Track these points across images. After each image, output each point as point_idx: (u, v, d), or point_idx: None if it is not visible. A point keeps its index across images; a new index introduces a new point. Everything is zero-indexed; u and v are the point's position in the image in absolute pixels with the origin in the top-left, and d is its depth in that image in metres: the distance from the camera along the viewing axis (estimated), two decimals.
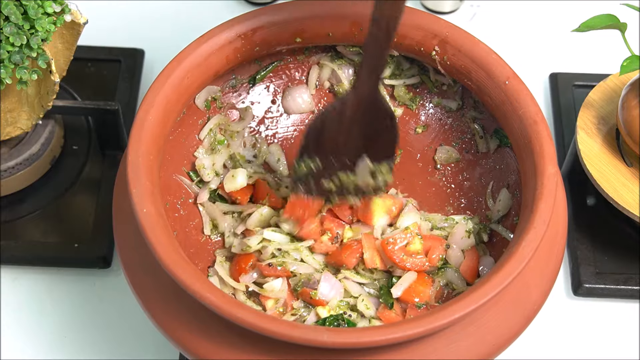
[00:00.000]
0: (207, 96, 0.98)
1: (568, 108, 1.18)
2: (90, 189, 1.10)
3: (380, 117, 0.90)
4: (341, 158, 0.92)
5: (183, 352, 0.82)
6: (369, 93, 0.88)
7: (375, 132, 0.91)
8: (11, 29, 0.90)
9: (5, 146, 1.07)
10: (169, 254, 0.79)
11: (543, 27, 1.28)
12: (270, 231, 0.95)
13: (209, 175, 0.98)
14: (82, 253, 1.05)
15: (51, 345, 1.02)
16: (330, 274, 0.93)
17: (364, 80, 0.87)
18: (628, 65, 0.96)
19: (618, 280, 1.05)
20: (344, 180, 0.92)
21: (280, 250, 0.94)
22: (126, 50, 1.21)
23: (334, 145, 0.91)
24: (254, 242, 0.94)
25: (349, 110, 0.89)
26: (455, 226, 0.96)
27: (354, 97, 0.88)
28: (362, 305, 0.92)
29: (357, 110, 0.89)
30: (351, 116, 0.89)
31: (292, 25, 0.94)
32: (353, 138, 0.90)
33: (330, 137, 0.90)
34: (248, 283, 0.93)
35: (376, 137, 0.91)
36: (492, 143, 0.99)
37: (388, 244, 0.93)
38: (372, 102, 0.88)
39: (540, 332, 1.04)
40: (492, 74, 0.90)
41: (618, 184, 1.01)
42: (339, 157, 0.91)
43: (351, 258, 0.93)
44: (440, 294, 0.94)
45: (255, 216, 0.96)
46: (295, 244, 0.95)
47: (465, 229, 0.95)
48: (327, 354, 0.78)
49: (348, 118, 0.89)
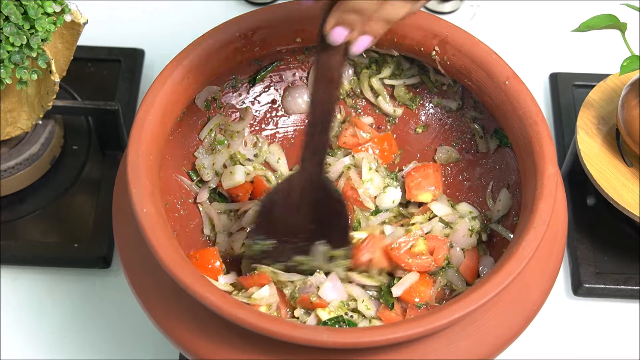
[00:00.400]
0: (207, 96, 0.98)
1: (568, 108, 1.17)
2: (90, 189, 1.10)
3: (328, 200, 0.89)
4: (294, 241, 0.91)
5: (183, 352, 0.82)
6: (314, 174, 0.87)
7: (327, 217, 0.90)
8: (11, 29, 0.90)
9: (5, 146, 1.07)
10: (169, 254, 0.79)
11: (543, 27, 1.28)
12: None
13: (209, 174, 0.98)
14: (82, 253, 1.05)
15: (51, 345, 1.02)
16: (337, 276, 0.93)
17: (307, 161, 0.86)
18: (628, 65, 0.96)
19: (618, 280, 1.05)
20: (300, 262, 0.92)
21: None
22: (126, 50, 1.21)
23: (286, 227, 0.91)
24: (238, 245, 0.94)
25: (295, 191, 0.89)
26: (459, 222, 0.96)
27: (299, 178, 0.88)
28: (363, 306, 0.92)
29: (303, 191, 0.88)
30: (298, 198, 0.89)
31: (292, 25, 0.94)
32: (304, 221, 0.90)
33: (281, 219, 0.90)
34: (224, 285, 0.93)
35: (329, 223, 0.91)
36: (492, 143, 0.99)
37: (393, 249, 0.93)
38: (318, 185, 0.88)
39: (540, 332, 1.04)
40: (492, 74, 0.90)
41: (618, 184, 1.01)
42: (291, 240, 0.91)
43: (361, 257, 0.93)
44: (442, 295, 0.94)
45: (250, 214, 0.96)
46: None
47: (468, 227, 0.95)
48: (327, 354, 0.78)
49: (295, 199, 0.89)
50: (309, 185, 0.88)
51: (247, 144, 1.02)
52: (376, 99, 1.03)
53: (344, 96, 1.03)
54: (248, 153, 1.02)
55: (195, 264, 0.92)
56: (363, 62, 1.01)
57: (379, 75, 1.02)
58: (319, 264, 0.92)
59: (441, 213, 0.97)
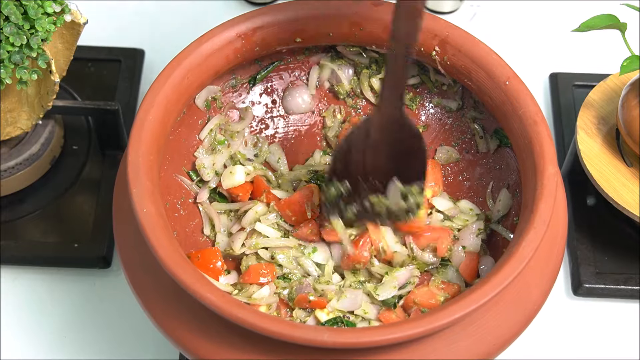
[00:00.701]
0: (207, 96, 0.98)
1: (568, 108, 1.18)
2: (90, 189, 1.10)
3: (406, 137, 0.89)
4: (371, 181, 0.91)
5: (183, 352, 0.82)
6: (393, 112, 0.87)
7: (403, 153, 0.90)
8: (11, 29, 0.90)
9: (5, 146, 1.07)
10: (169, 254, 0.79)
11: (543, 27, 1.28)
12: (263, 224, 0.95)
13: (209, 174, 0.98)
14: (82, 253, 1.05)
15: (51, 345, 1.02)
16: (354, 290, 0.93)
17: (387, 99, 0.86)
18: (628, 65, 0.96)
19: (618, 280, 1.05)
20: (376, 203, 0.92)
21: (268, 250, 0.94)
22: (126, 50, 1.21)
23: (362, 167, 0.90)
24: (237, 245, 0.94)
25: (374, 131, 0.88)
26: (470, 221, 0.96)
27: (378, 117, 0.87)
28: (360, 311, 0.92)
29: (383, 130, 0.88)
30: (377, 136, 0.88)
31: (292, 25, 0.94)
32: (381, 159, 0.90)
33: (358, 159, 0.90)
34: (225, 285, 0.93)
35: (405, 159, 0.90)
36: (492, 143, 0.99)
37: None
38: (397, 122, 0.88)
39: (540, 332, 1.04)
40: (492, 74, 0.90)
41: (618, 184, 1.01)
42: (368, 180, 0.91)
43: (363, 252, 0.93)
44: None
45: (250, 214, 0.96)
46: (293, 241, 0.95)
47: (478, 227, 0.95)
48: (327, 354, 0.78)
49: (374, 138, 0.88)
50: (390, 123, 0.87)
51: (247, 143, 1.02)
52: (376, 99, 1.03)
53: (344, 96, 1.03)
54: (248, 153, 1.02)
55: (197, 263, 0.92)
56: (363, 62, 1.01)
57: (379, 75, 1.02)
58: (395, 203, 0.91)
59: (442, 207, 0.97)
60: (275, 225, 0.96)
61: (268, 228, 0.95)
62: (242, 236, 0.95)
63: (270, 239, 0.94)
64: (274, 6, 0.94)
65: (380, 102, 0.87)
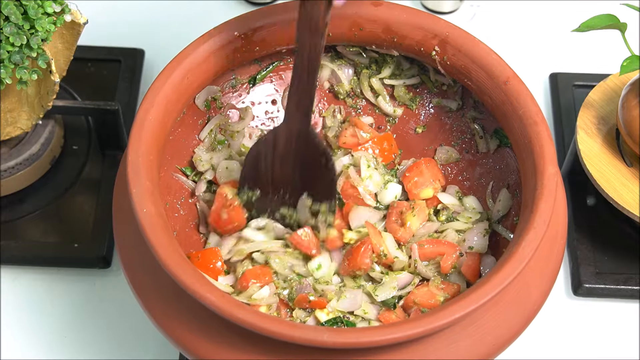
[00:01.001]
0: (207, 96, 0.98)
1: (568, 108, 1.18)
2: (90, 189, 1.10)
3: (313, 154, 0.90)
4: (279, 192, 0.92)
5: (183, 352, 0.82)
6: (299, 127, 0.88)
7: (312, 169, 0.91)
8: (11, 29, 0.90)
9: (5, 146, 1.07)
10: (169, 254, 0.79)
11: (543, 27, 1.28)
12: (251, 230, 0.95)
13: (204, 166, 0.98)
14: (82, 253, 1.05)
15: (51, 345, 1.02)
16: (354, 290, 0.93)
17: (292, 114, 0.87)
18: (628, 65, 0.96)
19: (618, 280, 1.05)
20: (285, 215, 0.94)
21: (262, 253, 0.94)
22: (126, 50, 1.21)
23: (271, 178, 0.91)
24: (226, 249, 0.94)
25: (281, 142, 0.89)
26: (473, 219, 0.96)
27: (285, 129, 0.88)
28: (360, 311, 0.91)
29: (289, 143, 0.89)
30: (284, 148, 0.89)
31: (292, 25, 0.94)
32: (289, 172, 0.91)
33: (266, 170, 0.91)
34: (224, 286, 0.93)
35: (314, 175, 0.91)
36: (492, 143, 0.99)
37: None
38: (304, 137, 0.89)
39: (540, 332, 1.04)
40: (492, 74, 0.90)
41: (618, 184, 1.01)
42: (276, 191, 0.92)
43: (364, 259, 0.93)
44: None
45: None
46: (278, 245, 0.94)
47: (484, 227, 0.95)
48: (327, 354, 0.78)
49: (281, 150, 0.90)
50: (294, 138, 0.88)
51: (252, 136, 1.01)
52: (376, 99, 1.03)
53: (344, 96, 1.03)
54: None
55: (197, 263, 0.92)
56: (363, 62, 1.01)
57: (379, 75, 1.02)
58: (304, 218, 0.93)
59: (447, 201, 0.97)
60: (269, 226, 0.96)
61: (257, 233, 0.95)
62: (231, 242, 0.95)
63: (255, 242, 0.94)
64: (274, 6, 0.94)
65: (286, 114, 0.87)
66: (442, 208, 0.98)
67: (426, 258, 0.94)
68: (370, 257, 0.93)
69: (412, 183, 0.98)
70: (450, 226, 0.96)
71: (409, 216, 0.95)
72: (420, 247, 0.94)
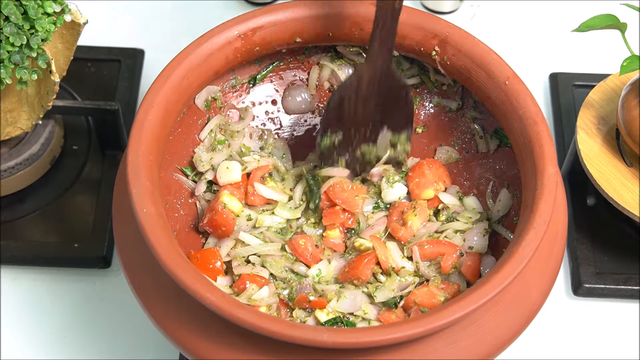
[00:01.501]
0: (207, 96, 0.98)
1: (568, 108, 1.18)
2: (90, 189, 1.10)
3: (395, 89, 0.93)
4: (361, 130, 0.95)
5: (183, 352, 0.82)
6: (382, 66, 0.91)
7: (391, 104, 0.94)
8: (11, 29, 0.90)
9: (5, 146, 1.07)
10: (169, 254, 0.79)
11: (543, 27, 1.28)
12: (247, 234, 0.95)
13: (204, 166, 0.98)
14: (82, 253, 1.05)
15: (51, 345, 1.02)
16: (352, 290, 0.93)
17: (376, 53, 0.90)
18: (628, 65, 0.96)
19: (618, 280, 1.05)
20: (366, 152, 0.96)
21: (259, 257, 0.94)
22: (126, 50, 1.21)
23: (354, 118, 0.94)
24: (225, 250, 0.94)
25: (364, 84, 0.92)
26: (473, 218, 0.96)
27: (368, 70, 0.91)
28: (360, 312, 0.91)
29: (373, 82, 0.92)
30: (367, 89, 0.92)
31: (292, 25, 0.94)
32: (371, 110, 0.94)
33: (349, 111, 0.94)
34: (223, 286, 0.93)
35: (393, 109, 0.95)
36: (492, 143, 0.99)
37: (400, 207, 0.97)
38: (386, 75, 0.91)
39: (540, 332, 1.04)
40: (492, 74, 0.90)
41: (618, 184, 1.01)
42: (359, 130, 0.95)
43: (366, 270, 0.93)
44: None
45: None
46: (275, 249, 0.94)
47: (484, 227, 0.95)
48: (327, 354, 0.78)
49: (364, 91, 0.92)
50: (378, 74, 0.91)
51: (252, 136, 1.01)
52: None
53: None
54: (254, 145, 1.01)
55: (196, 264, 0.92)
56: None
57: None
58: (383, 152, 0.97)
59: (448, 201, 0.97)
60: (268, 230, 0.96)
61: (252, 237, 0.95)
62: (230, 243, 0.95)
63: (252, 246, 0.94)
64: (274, 6, 0.94)
65: (369, 55, 0.90)
66: (442, 208, 0.98)
67: (426, 258, 0.94)
68: (371, 270, 0.93)
69: (414, 183, 0.98)
70: (451, 226, 0.96)
71: (411, 216, 0.95)
72: (420, 247, 0.94)
